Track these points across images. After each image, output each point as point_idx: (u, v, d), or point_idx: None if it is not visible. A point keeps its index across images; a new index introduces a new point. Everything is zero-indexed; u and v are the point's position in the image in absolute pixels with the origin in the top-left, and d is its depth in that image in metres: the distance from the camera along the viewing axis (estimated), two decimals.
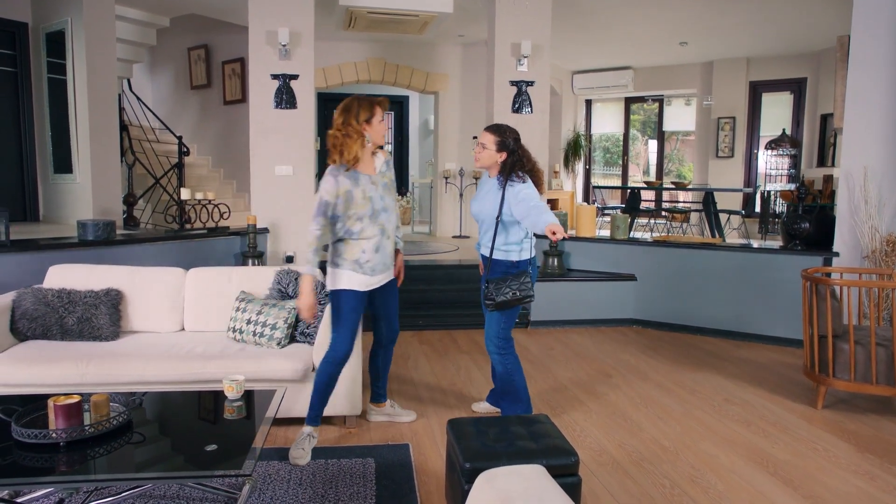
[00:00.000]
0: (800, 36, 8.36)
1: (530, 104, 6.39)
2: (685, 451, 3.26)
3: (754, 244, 5.90)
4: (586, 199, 11.59)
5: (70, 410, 2.24)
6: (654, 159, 11.51)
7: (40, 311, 3.55)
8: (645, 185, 9.80)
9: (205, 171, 8.36)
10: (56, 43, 5.98)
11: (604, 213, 9.63)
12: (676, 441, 3.38)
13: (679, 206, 10.17)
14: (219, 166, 8.57)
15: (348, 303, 3.12)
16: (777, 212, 8.59)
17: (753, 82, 9.85)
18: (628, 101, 11.30)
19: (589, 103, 11.61)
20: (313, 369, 3.37)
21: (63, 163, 6.07)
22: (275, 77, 5.78)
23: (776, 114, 9.92)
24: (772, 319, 5.37)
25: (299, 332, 3.62)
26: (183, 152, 6.65)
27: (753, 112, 9.97)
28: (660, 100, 11.05)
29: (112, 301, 3.70)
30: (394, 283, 3.40)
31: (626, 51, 9.60)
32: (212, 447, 2.28)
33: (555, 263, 6.03)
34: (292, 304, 3.60)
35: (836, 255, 5.08)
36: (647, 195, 10.11)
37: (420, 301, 5.82)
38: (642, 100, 11.23)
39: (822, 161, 9.07)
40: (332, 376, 3.16)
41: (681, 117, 11.12)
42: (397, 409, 3.62)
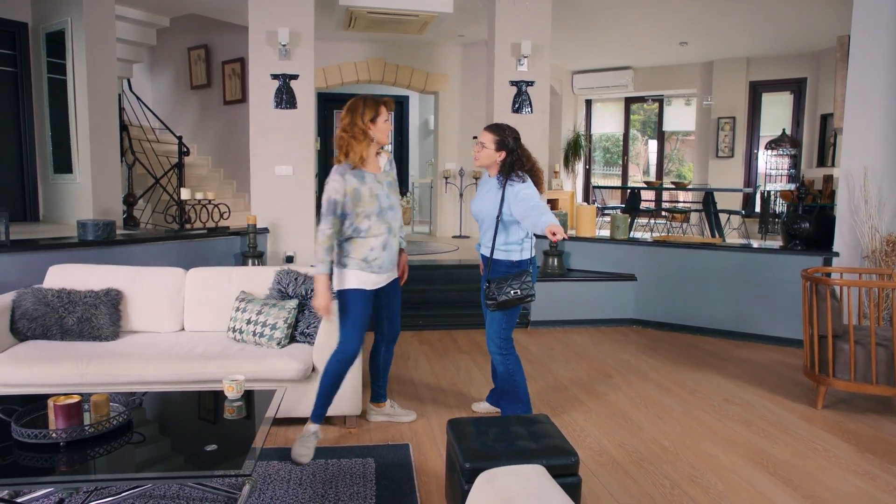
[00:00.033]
0: (800, 36, 8.36)
1: (530, 104, 6.39)
2: (685, 451, 3.26)
3: (754, 244, 5.90)
4: (586, 199, 11.59)
5: (70, 410, 2.24)
6: (654, 159, 11.52)
7: (40, 311, 3.55)
8: (645, 185, 9.79)
9: (205, 171, 8.37)
10: (56, 43, 5.98)
11: (604, 213, 9.63)
12: (676, 441, 3.38)
13: (679, 206, 10.17)
14: (219, 166, 8.57)
15: (357, 302, 3.14)
16: (777, 212, 8.59)
17: (753, 82, 9.85)
18: (628, 101, 11.30)
19: (589, 103, 11.61)
20: (313, 369, 3.38)
21: (63, 163, 6.07)
22: (275, 77, 5.78)
23: (776, 114, 9.92)
24: (772, 319, 5.37)
25: (299, 332, 3.62)
26: (183, 152, 6.66)
27: (753, 112, 9.97)
28: (660, 100, 11.05)
29: (112, 301, 3.70)
30: (397, 283, 3.42)
31: (626, 51, 9.59)
32: (212, 447, 2.28)
33: (555, 263, 6.03)
34: (292, 304, 3.60)
35: (836, 255, 5.08)
36: (647, 195, 10.11)
37: (420, 301, 5.82)
38: (642, 100, 11.23)
39: (822, 161, 9.07)
40: (339, 375, 3.18)
41: (681, 117, 11.12)
42: (397, 409, 3.62)
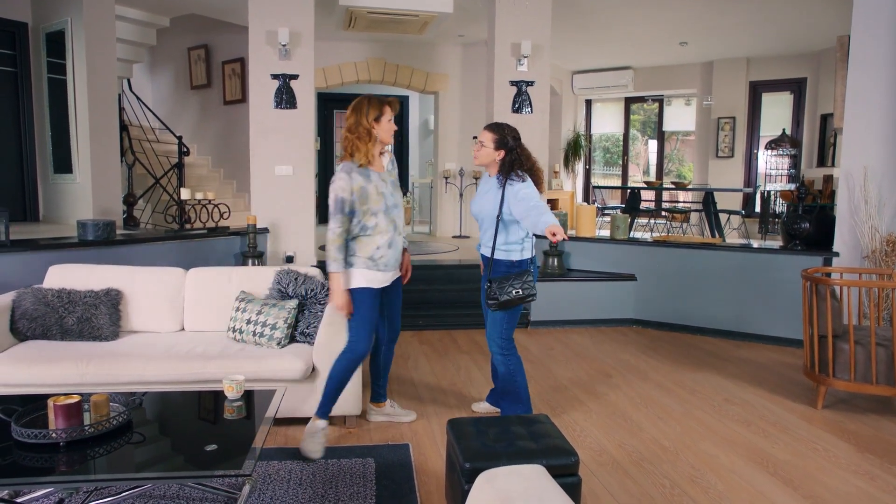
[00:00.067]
0: (800, 36, 8.36)
1: (530, 104, 6.39)
2: (685, 451, 3.26)
3: (754, 244, 5.90)
4: (586, 199, 11.59)
5: (70, 410, 2.24)
6: (654, 159, 11.51)
7: (40, 311, 3.55)
8: (645, 185, 9.79)
9: (205, 171, 8.36)
10: (56, 43, 5.97)
11: (604, 213, 9.63)
12: (676, 441, 3.38)
13: (679, 206, 10.17)
14: (219, 166, 8.57)
15: (365, 301, 3.16)
16: (777, 212, 8.59)
17: (753, 82, 9.85)
18: (628, 101, 11.30)
19: (589, 103, 11.61)
20: (313, 369, 3.38)
21: (63, 163, 6.07)
22: (275, 77, 5.78)
23: (776, 114, 9.92)
24: (772, 319, 5.37)
25: (299, 332, 3.62)
26: (183, 152, 6.65)
27: (753, 112, 9.97)
28: (660, 100, 11.05)
29: (112, 301, 3.70)
30: (399, 282, 3.43)
31: (626, 51, 9.59)
32: (212, 447, 2.28)
33: (555, 263, 6.03)
34: (292, 304, 3.60)
35: (836, 255, 5.08)
36: (647, 195, 10.11)
37: (420, 301, 5.82)
38: (642, 100, 11.23)
39: (822, 161, 9.07)
40: (347, 374, 3.21)
41: (681, 117, 11.12)
42: (397, 409, 3.63)
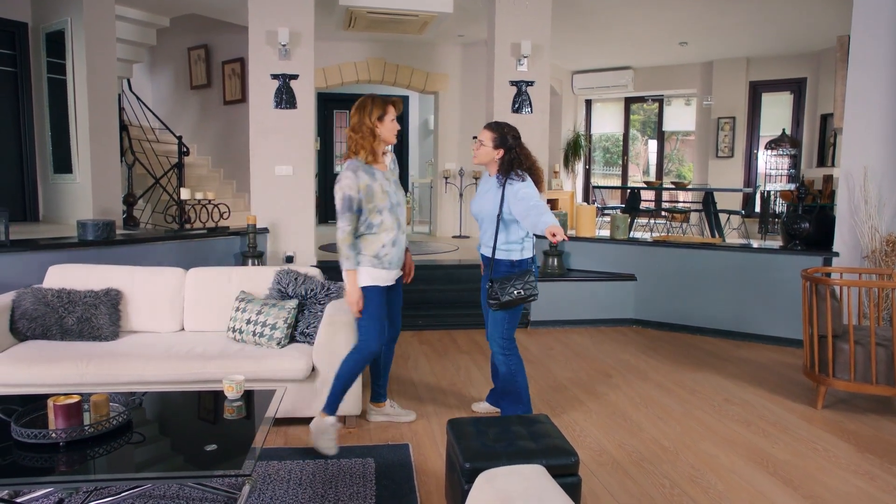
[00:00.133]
0: (800, 36, 8.36)
1: (530, 104, 6.39)
2: (685, 451, 3.26)
3: (754, 244, 5.90)
4: (586, 199, 11.59)
5: (70, 410, 2.24)
6: (653, 159, 11.51)
7: (40, 311, 3.54)
8: (645, 185, 9.79)
9: (205, 171, 8.36)
10: (56, 43, 5.97)
11: (604, 213, 9.63)
12: (676, 441, 3.38)
13: (679, 206, 10.17)
14: (219, 166, 8.57)
15: (373, 299, 3.17)
16: (777, 212, 8.59)
17: (753, 82, 9.84)
18: (628, 101, 11.30)
19: (589, 103, 11.60)
20: (313, 369, 3.38)
21: (63, 163, 6.07)
22: (275, 77, 5.78)
23: (776, 114, 9.91)
24: (772, 319, 5.37)
25: (299, 332, 3.62)
26: (183, 152, 6.65)
27: (753, 112, 9.96)
28: (660, 100, 11.05)
29: (112, 301, 3.70)
30: (400, 281, 3.44)
31: (626, 51, 9.59)
32: (212, 447, 2.28)
33: (555, 263, 6.03)
34: (292, 304, 3.60)
35: (836, 255, 5.08)
36: (647, 195, 10.11)
37: (420, 301, 5.82)
38: (642, 100, 11.22)
39: (821, 161, 9.07)
40: (357, 371, 3.23)
41: (681, 117, 11.11)
42: (397, 409, 3.63)
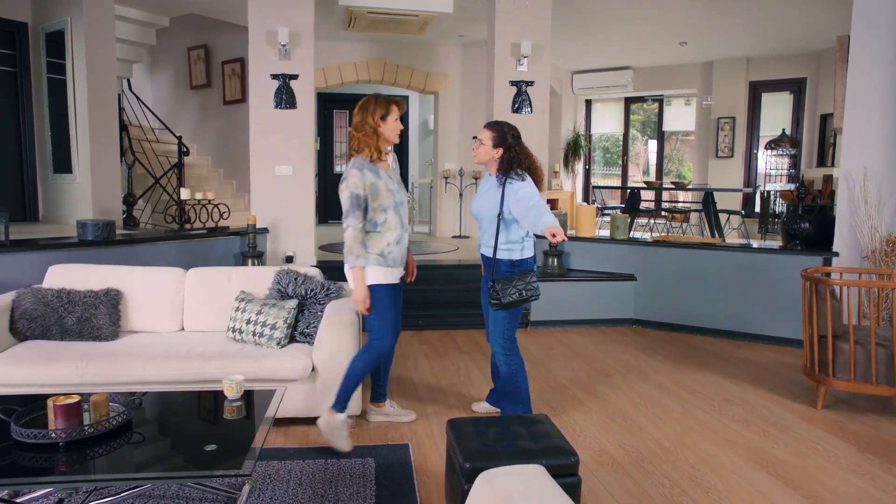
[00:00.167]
0: (800, 36, 8.36)
1: (530, 104, 6.38)
2: (685, 451, 3.26)
3: (754, 244, 5.90)
4: (586, 199, 11.59)
5: (69, 410, 2.24)
6: (653, 159, 11.51)
7: (40, 311, 3.54)
8: (645, 185, 9.79)
9: (204, 171, 8.36)
10: (56, 43, 5.97)
11: (603, 213, 9.63)
12: (676, 441, 3.38)
13: (679, 206, 10.17)
14: (218, 166, 8.57)
15: (384, 298, 3.19)
16: (777, 212, 8.59)
17: (753, 82, 9.84)
18: (628, 101, 11.30)
19: (589, 103, 11.60)
20: (313, 369, 3.38)
21: (63, 163, 6.07)
22: (275, 77, 5.78)
23: (776, 114, 9.91)
24: (772, 319, 5.36)
25: (299, 332, 3.62)
26: (183, 152, 6.66)
27: (753, 112, 9.97)
28: (659, 100, 11.05)
29: (112, 301, 3.69)
30: (402, 280, 3.44)
31: (626, 51, 9.59)
32: (211, 447, 2.28)
33: (555, 263, 6.03)
34: (292, 304, 3.60)
35: (836, 255, 5.08)
36: (647, 195, 10.11)
37: (420, 301, 5.81)
38: (642, 100, 11.22)
39: (821, 161, 9.07)
40: (368, 369, 3.27)
41: (680, 117, 11.11)
42: (397, 409, 3.63)
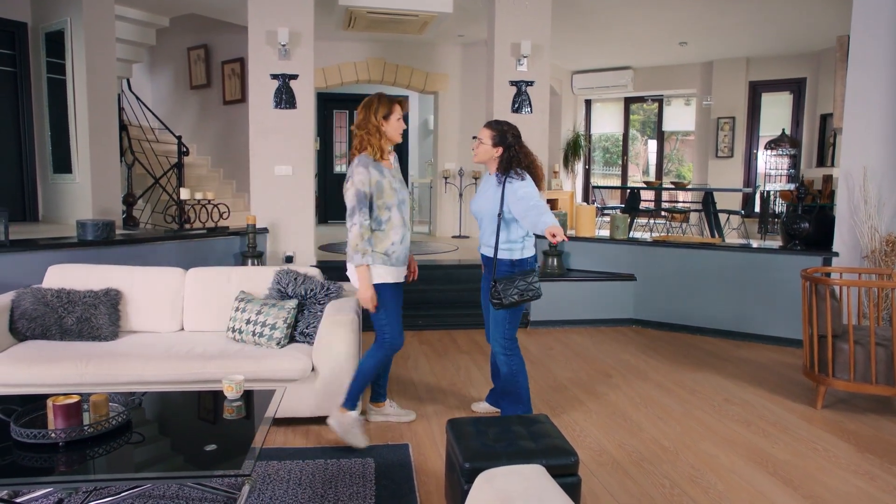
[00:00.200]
0: (800, 36, 8.36)
1: (530, 104, 6.38)
2: (685, 451, 3.26)
3: (754, 244, 5.90)
4: (586, 199, 11.59)
5: (69, 410, 2.24)
6: (653, 159, 11.51)
7: (39, 311, 3.54)
8: (644, 185, 9.79)
9: (204, 171, 8.36)
10: (55, 43, 5.97)
11: (603, 213, 9.62)
12: (676, 441, 3.38)
13: (678, 206, 10.17)
14: (218, 166, 8.57)
15: (391, 297, 3.21)
16: (776, 212, 8.59)
17: (753, 82, 9.84)
18: (628, 101, 11.30)
19: (588, 103, 11.60)
20: (313, 369, 3.38)
21: (62, 163, 6.07)
22: (274, 77, 5.78)
23: (776, 114, 9.91)
24: (771, 319, 5.36)
25: (299, 332, 3.62)
26: (182, 152, 6.66)
27: (753, 112, 9.96)
28: (659, 100, 11.04)
29: (111, 301, 3.69)
30: (403, 280, 3.43)
31: (626, 51, 9.59)
32: (211, 447, 2.28)
33: (554, 263, 6.03)
34: (292, 304, 3.60)
35: (836, 255, 5.08)
36: (647, 195, 10.11)
37: (420, 301, 5.81)
38: (642, 100, 11.22)
39: (821, 161, 9.07)
40: (380, 367, 3.30)
41: (680, 117, 11.11)
42: (397, 409, 3.62)
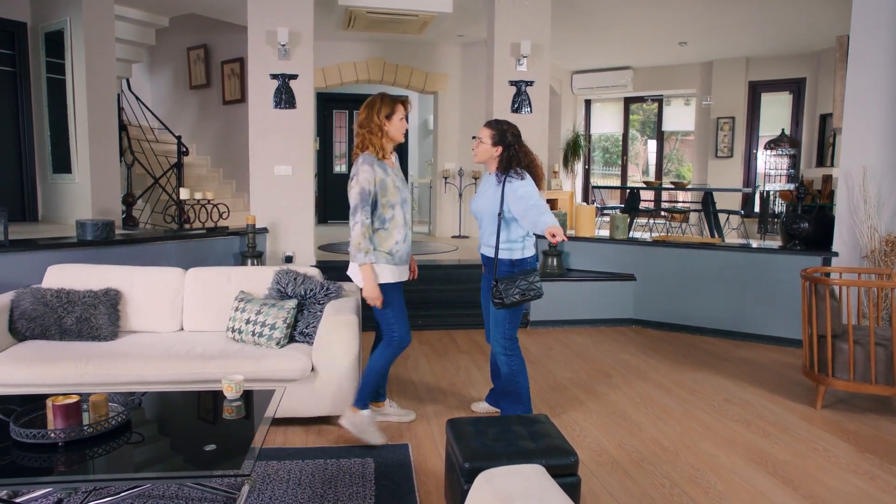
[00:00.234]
0: (799, 36, 8.36)
1: (530, 104, 6.38)
2: (685, 451, 3.25)
3: (753, 244, 5.90)
4: (585, 199, 11.58)
5: (69, 410, 2.24)
6: (653, 159, 11.51)
7: (39, 311, 3.54)
8: (644, 185, 9.79)
9: (204, 171, 8.36)
10: (55, 43, 5.97)
11: (603, 213, 9.62)
12: (676, 441, 3.38)
13: (678, 206, 10.17)
14: (218, 166, 8.57)
15: (396, 295, 3.23)
16: (776, 212, 8.59)
17: (753, 82, 9.85)
18: (627, 101, 11.30)
19: (588, 103, 11.60)
20: (312, 369, 3.38)
21: (62, 163, 6.07)
22: (274, 77, 5.78)
23: (775, 114, 9.92)
24: (771, 319, 5.36)
25: (298, 332, 3.62)
26: (182, 152, 6.66)
27: (753, 112, 9.97)
28: (659, 100, 11.04)
29: (111, 301, 3.69)
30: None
31: (625, 51, 9.59)
32: (211, 447, 2.28)
33: (554, 263, 6.03)
34: (291, 304, 3.60)
35: (836, 254, 5.08)
36: (647, 195, 10.11)
37: (420, 301, 5.81)
38: (642, 100, 11.22)
39: (821, 161, 9.07)
40: (388, 365, 3.35)
41: (680, 117, 11.11)
42: (397, 409, 3.62)
